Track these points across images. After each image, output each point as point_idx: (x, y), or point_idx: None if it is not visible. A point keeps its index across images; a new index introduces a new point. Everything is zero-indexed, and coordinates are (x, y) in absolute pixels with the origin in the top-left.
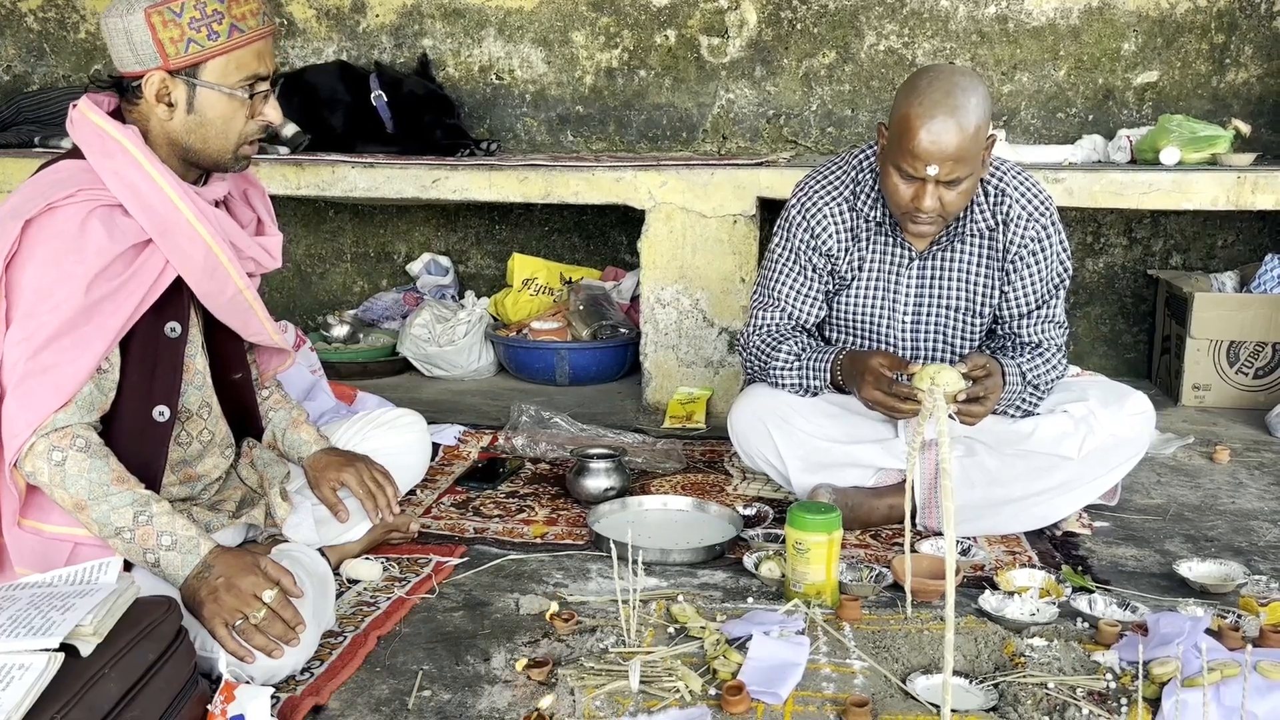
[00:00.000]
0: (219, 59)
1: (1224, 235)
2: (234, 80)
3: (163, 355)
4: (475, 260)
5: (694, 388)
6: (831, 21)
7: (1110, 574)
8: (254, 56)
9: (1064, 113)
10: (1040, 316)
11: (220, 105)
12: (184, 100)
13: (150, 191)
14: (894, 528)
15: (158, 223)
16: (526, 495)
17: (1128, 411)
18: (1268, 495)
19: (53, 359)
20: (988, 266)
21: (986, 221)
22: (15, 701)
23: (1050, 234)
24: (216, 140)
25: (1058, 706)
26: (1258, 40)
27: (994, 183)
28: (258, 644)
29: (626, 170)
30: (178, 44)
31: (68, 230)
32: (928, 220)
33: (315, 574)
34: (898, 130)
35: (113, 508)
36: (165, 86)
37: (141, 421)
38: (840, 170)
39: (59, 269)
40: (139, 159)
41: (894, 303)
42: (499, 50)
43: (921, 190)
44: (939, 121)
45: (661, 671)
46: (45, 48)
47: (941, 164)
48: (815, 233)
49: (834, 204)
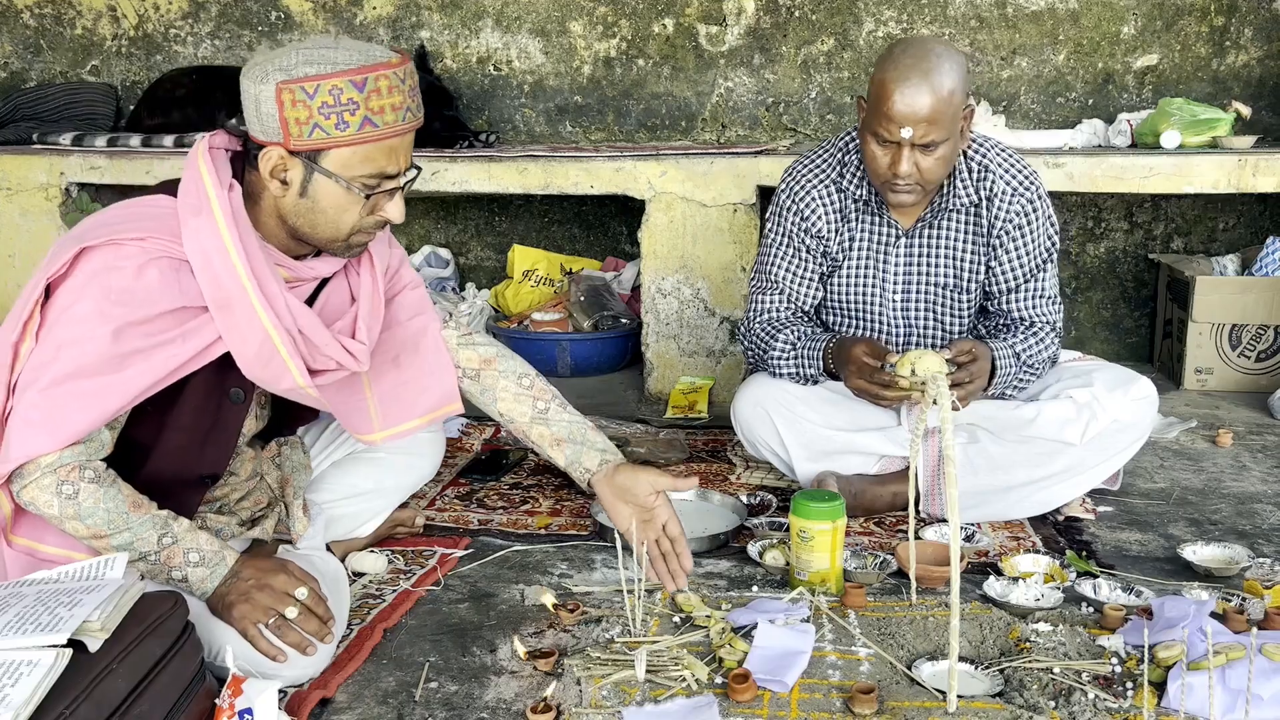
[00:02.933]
0: (344, 150)
1: (1225, 218)
2: (356, 174)
3: (221, 421)
4: (475, 252)
5: (696, 377)
6: (829, 8)
7: (1114, 558)
8: (385, 153)
9: (1064, 97)
10: (1029, 291)
11: (336, 196)
12: (299, 182)
13: (219, 260)
14: (898, 515)
15: (219, 293)
16: (530, 486)
17: (1131, 397)
18: (1271, 478)
19: (63, 400)
20: (973, 242)
21: (970, 197)
22: (24, 697)
23: (1036, 208)
24: (326, 229)
25: (1063, 691)
26: (1257, 22)
27: (977, 159)
28: (291, 641)
29: (626, 160)
30: (303, 126)
31: (122, 269)
32: (906, 188)
33: (328, 575)
34: (873, 97)
35: (135, 535)
36: (283, 163)
37: (181, 485)
38: (827, 153)
39: (97, 306)
40: (220, 224)
41: (883, 282)
42: (496, 41)
43: (898, 155)
44: (912, 83)
45: (667, 660)
46: (42, 44)
47: (915, 125)
48: (804, 215)
49: (821, 186)
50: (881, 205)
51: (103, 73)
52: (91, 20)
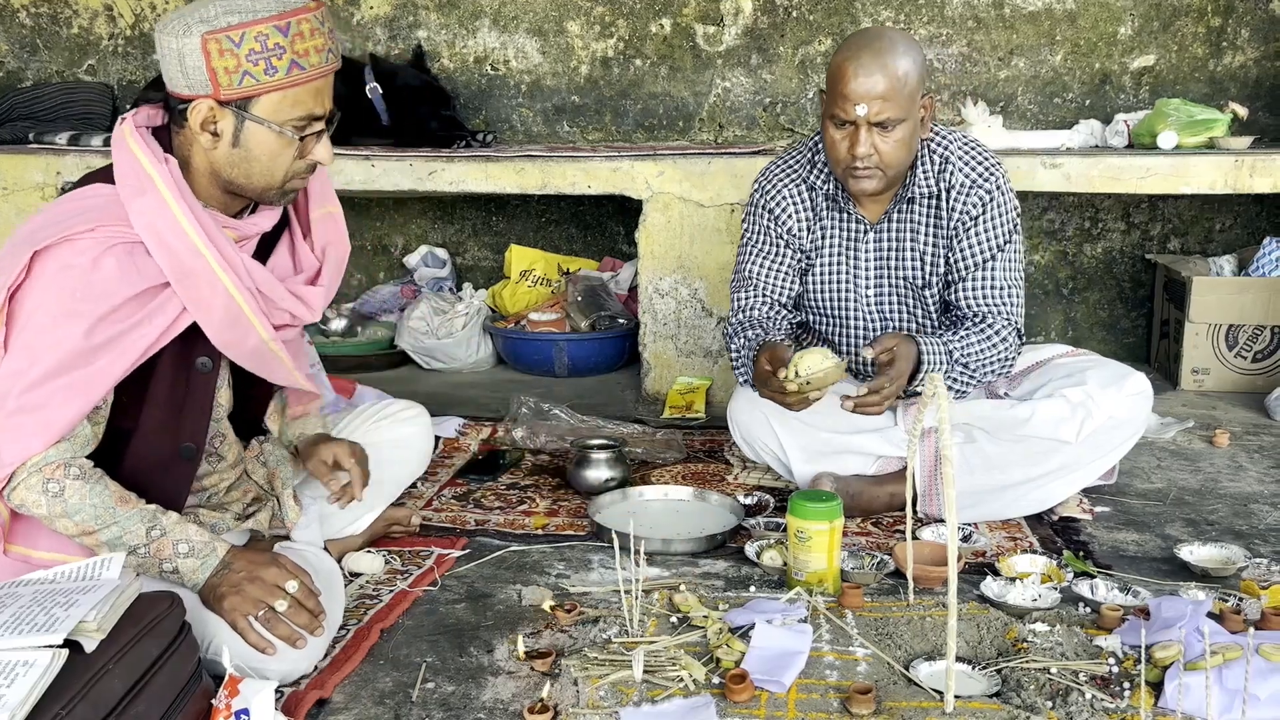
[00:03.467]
0: (274, 95)
1: (1222, 219)
2: (286, 118)
3: (193, 391)
4: (472, 252)
5: (693, 377)
6: (827, 8)
7: (1111, 558)
8: (312, 95)
9: (1061, 97)
10: (979, 281)
11: (269, 142)
12: (230, 132)
13: (174, 236)
14: (895, 515)
15: (178, 267)
16: (527, 487)
17: (1125, 393)
18: (1267, 478)
19: (45, 398)
20: (934, 234)
21: (931, 187)
22: (20, 698)
23: (992, 198)
24: (260, 177)
25: (1060, 691)
26: (1254, 23)
27: (939, 150)
28: (281, 634)
29: (623, 160)
30: (232, 74)
31: (79, 265)
32: (866, 172)
33: (323, 571)
34: (829, 81)
35: (124, 529)
36: (212, 115)
37: (167, 459)
38: (797, 153)
39: (63, 306)
40: (168, 200)
41: (855, 278)
42: (494, 41)
43: (855, 136)
44: (864, 61)
45: (665, 661)
46: (38, 43)
47: (870, 102)
48: (775, 215)
49: (791, 185)
50: (849, 200)
51: (99, 72)
52: (88, 20)
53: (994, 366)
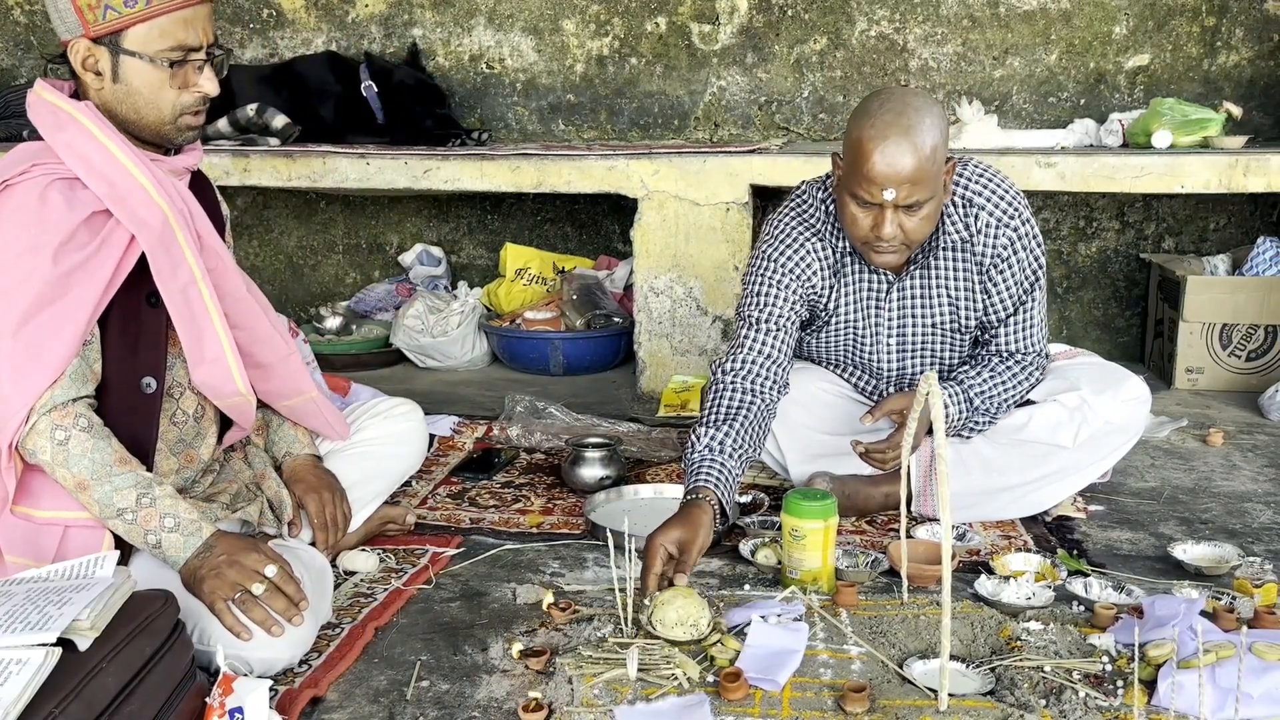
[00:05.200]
0: (140, 26)
1: (1216, 218)
2: (157, 49)
3: (145, 325)
4: (468, 250)
5: (688, 376)
6: (822, 7)
7: (1105, 557)
8: (180, 25)
9: (1055, 97)
10: (1018, 323)
11: (145, 74)
12: (109, 69)
13: (103, 160)
14: (890, 514)
15: (112, 191)
16: (522, 485)
17: (1122, 398)
18: (1261, 477)
19: (35, 335)
20: (966, 276)
21: (960, 234)
22: (13, 696)
23: (1021, 235)
24: (149, 111)
25: (1054, 689)
26: (1248, 23)
27: (961, 192)
28: (256, 617)
29: (618, 159)
30: (95, 10)
31: (27, 204)
32: (890, 249)
33: (313, 567)
34: (851, 157)
35: (115, 489)
36: (91, 55)
37: (130, 394)
38: (808, 205)
39: (22, 243)
40: (90, 128)
41: (876, 329)
42: (489, 39)
43: (880, 217)
44: (893, 143)
45: (659, 659)
46: (32, 40)
47: (899, 187)
48: (799, 272)
49: (814, 239)
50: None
51: None
52: None
53: (1017, 398)
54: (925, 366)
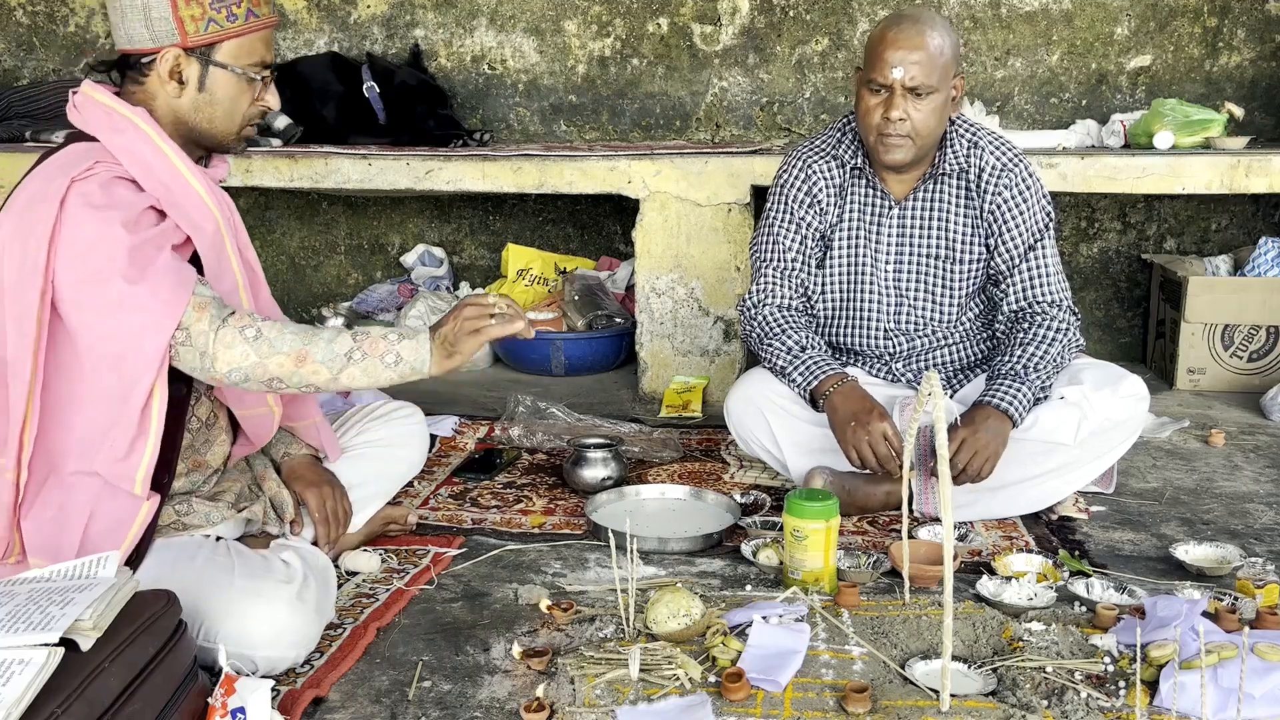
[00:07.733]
0: (233, 41)
1: (1218, 219)
2: (245, 63)
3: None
4: (469, 251)
5: (690, 376)
6: (824, 8)
7: (1107, 558)
8: (263, 43)
9: (1057, 98)
10: (1031, 270)
11: (230, 86)
12: (195, 79)
13: (162, 166)
14: (891, 514)
15: (169, 195)
16: (524, 486)
17: (1122, 394)
18: (1263, 478)
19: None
20: (966, 213)
21: (961, 164)
22: (15, 696)
23: (1027, 180)
24: (223, 121)
25: (1056, 690)
26: (1250, 23)
27: (967, 135)
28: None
29: (620, 159)
30: (198, 22)
31: (94, 193)
32: (897, 140)
33: (316, 567)
34: (869, 48)
35: (328, 340)
36: (179, 64)
37: None
38: (826, 134)
39: (101, 221)
40: (150, 134)
41: (875, 253)
42: (491, 40)
43: (890, 101)
44: (904, 29)
45: (661, 660)
46: (35, 41)
47: (907, 66)
48: (809, 189)
49: (822, 160)
50: (875, 175)
51: None
52: (84, 18)
53: (1065, 359)
54: (918, 298)
